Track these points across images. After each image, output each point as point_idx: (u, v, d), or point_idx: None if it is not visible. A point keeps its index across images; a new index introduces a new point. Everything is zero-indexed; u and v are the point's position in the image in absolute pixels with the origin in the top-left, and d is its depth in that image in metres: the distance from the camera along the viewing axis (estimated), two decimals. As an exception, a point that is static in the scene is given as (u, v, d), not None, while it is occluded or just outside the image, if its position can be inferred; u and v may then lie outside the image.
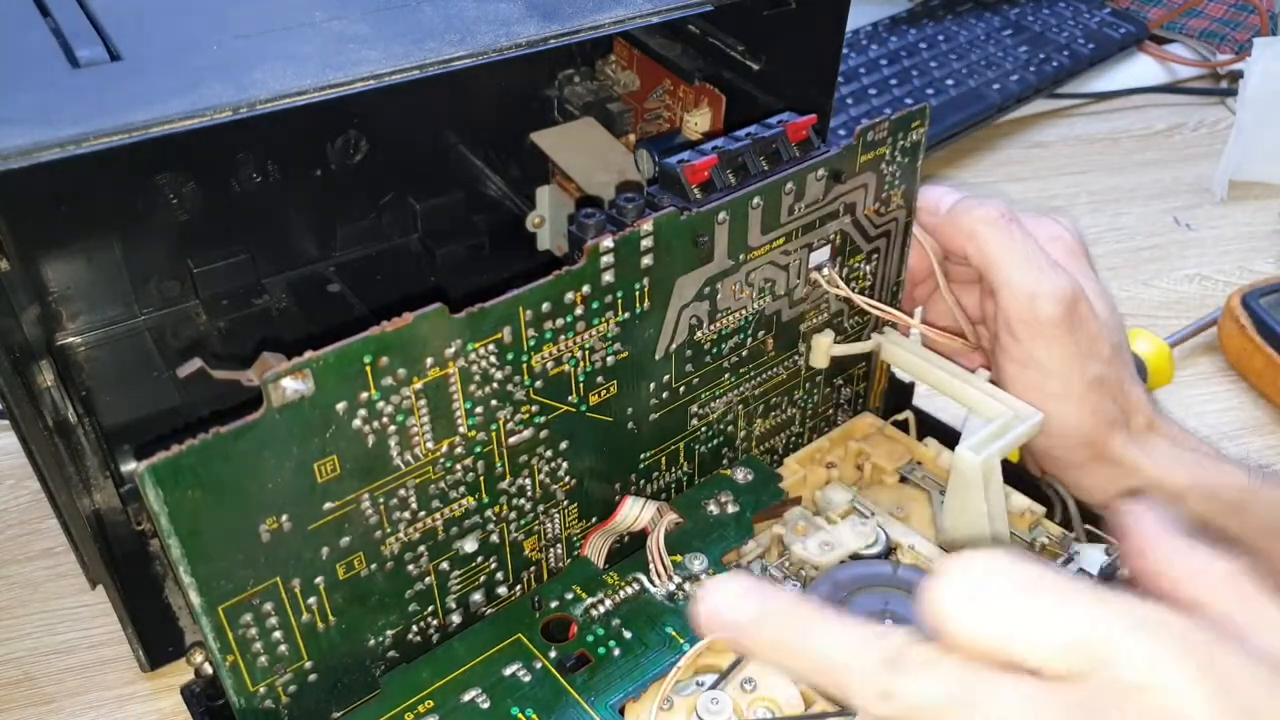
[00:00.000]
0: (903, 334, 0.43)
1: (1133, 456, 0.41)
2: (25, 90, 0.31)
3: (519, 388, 0.34)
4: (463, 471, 0.34)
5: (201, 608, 0.30)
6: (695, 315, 0.37)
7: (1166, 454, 0.41)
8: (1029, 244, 0.40)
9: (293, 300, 0.52)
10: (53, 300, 0.47)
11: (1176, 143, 0.81)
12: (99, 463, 0.44)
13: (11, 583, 0.48)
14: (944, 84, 0.79)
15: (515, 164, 0.54)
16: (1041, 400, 0.40)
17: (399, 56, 0.34)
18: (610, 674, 0.34)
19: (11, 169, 0.28)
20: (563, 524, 0.38)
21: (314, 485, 0.30)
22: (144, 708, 0.43)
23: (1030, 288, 0.39)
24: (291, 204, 0.51)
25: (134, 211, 0.46)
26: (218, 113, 0.31)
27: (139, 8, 0.37)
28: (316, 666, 0.33)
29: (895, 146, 0.39)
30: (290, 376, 0.28)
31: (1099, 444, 0.40)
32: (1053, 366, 0.39)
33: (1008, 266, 0.39)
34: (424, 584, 0.35)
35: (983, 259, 0.40)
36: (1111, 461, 0.41)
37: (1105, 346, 0.40)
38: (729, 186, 0.36)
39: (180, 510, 0.28)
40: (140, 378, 0.48)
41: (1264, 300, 0.60)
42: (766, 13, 0.45)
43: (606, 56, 0.54)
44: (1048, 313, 0.39)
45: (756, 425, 0.43)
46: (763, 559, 0.39)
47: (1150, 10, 0.91)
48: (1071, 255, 0.42)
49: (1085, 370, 0.39)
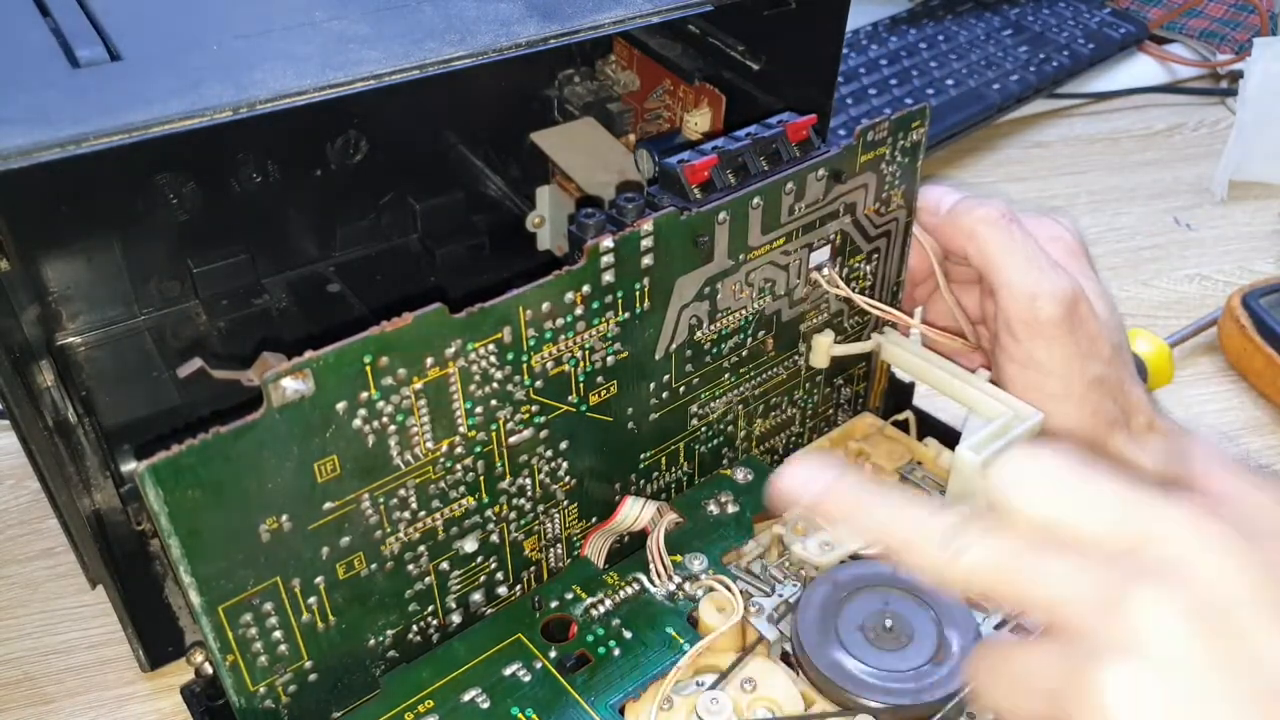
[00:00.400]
0: (903, 334, 0.43)
1: (1133, 456, 0.41)
2: (25, 90, 0.31)
3: (519, 388, 0.34)
4: (463, 471, 0.34)
5: (201, 608, 0.30)
6: (695, 315, 0.37)
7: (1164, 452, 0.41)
8: (1029, 244, 0.40)
9: (293, 300, 0.52)
10: (53, 300, 0.47)
11: (1176, 143, 0.81)
12: (99, 463, 0.44)
13: (11, 583, 0.48)
14: (944, 84, 0.79)
15: (515, 164, 0.54)
16: (1041, 400, 0.40)
17: (399, 56, 0.34)
18: (610, 674, 0.34)
19: (11, 169, 0.28)
20: (563, 524, 0.38)
21: (314, 485, 0.30)
22: (144, 708, 0.43)
23: (1030, 288, 0.39)
24: (291, 204, 0.51)
25: (134, 211, 0.46)
26: (218, 113, 0.31)
27: (139, 8, 0.37)
28: (316, 666, 0.33)
29: (895, 146, 0.39)
30: (290, 376, 0.28)
31: (1099, 444, 0.40)
32: (1053, 367, 0.39)
33: (1008, 267, 0.39)
34: (424, 584, 0.35)
35: (983, 259, 0.40)
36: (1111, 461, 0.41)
37: (1105, 347, 0.40)
38: (729, 186, 0.36)
39: (180, 510, 0.28)
40: (140, 378, 0.48)
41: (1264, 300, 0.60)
42: (766, 13, 0.45)
43: (606, 56, 0.54)
44: (1048, 313, 0.39)
45: (756, 425, 0.43)
46: (763, 559, 0.39)
47: (1150, 10, 0.91)
48: (1072, 255, 0.42)
49: (1085, 370, 0.39)
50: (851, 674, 0.34)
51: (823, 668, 0.34)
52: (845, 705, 0.33)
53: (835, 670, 0.34)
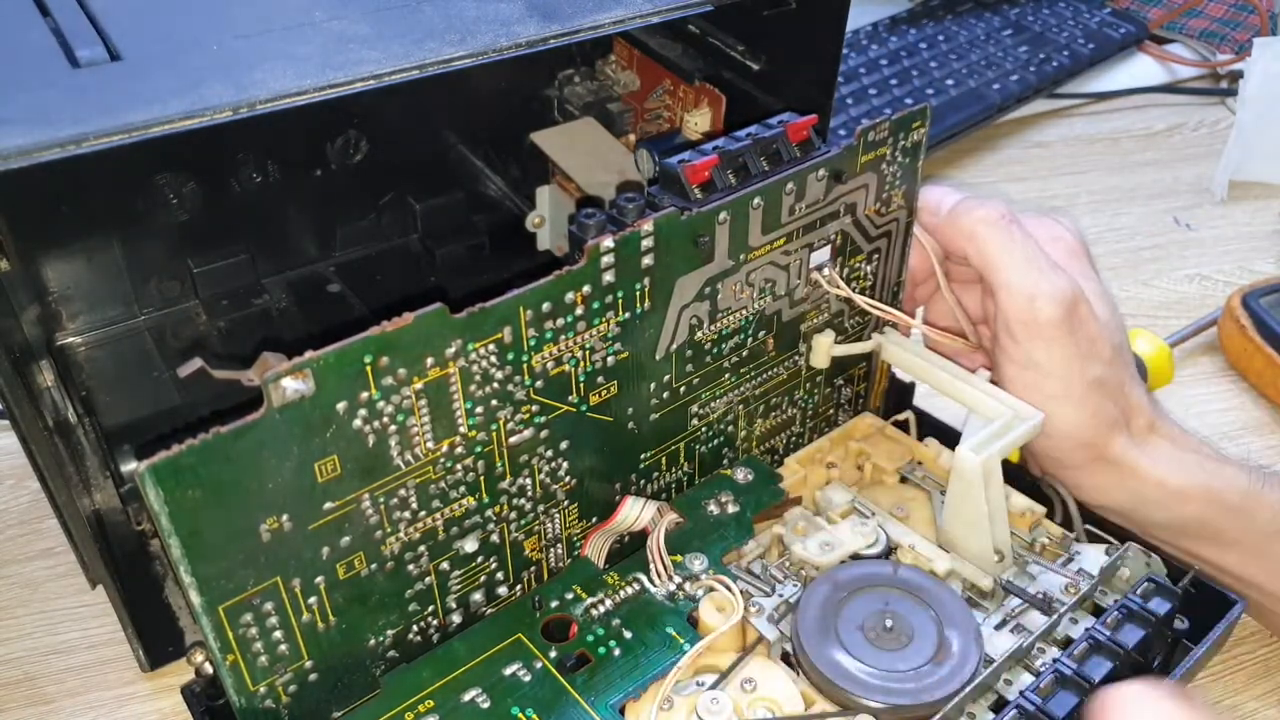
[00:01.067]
0: (903, 334, 0.44)
1: (1133, 458, 0.41)
2: (25, 90, 0.31)
3: (519, 387, 0.34)
4: (463, 471, 0.34)
5: (202, 607, 0.30)
6: (695, 315, 0.37)
7: (1167, 455, 0.41)
8: (1029, 245, 0.40)
9: (293, 300, 0.52)
10: (53, 300, 0.47)
11: (1176, 143, 0.81)
12: (99, 463, 0.44)
13: (11, 583, 0.48)
14: (944, 84, 0.79)
15: (515, 164, 0.54)
16: (1041, 401, 0.40)
17: (399, 56, 0.34)
18: (610, 674, 0.34)
19: (11, 169, 0.28)
20: (563, 524, 0.38)
21: (314, 485, 0.30)
22: (144, 708, 0.43)
23: (1030, 289, 0.39)
24: (291, 204, 0.51)
25: (134, 211, 0.46)
26: (218, 113, 0.31)
27: (139, 8, 0.37)
28: (317, 666, 0.33)
29: (896, 147, 0.39)
30: (290, 376, 0.28)
31: (1099, 445, 0.40)
32: (1052, 368, 0.39)
33: (1007, 268, 0.39)
34: (424, 584, 0.35)
35: (982, 260, 0.40)
36: (1112, 463, 0.41)
37: (1105, 348, 0.40)
38: (729, 186, 0.36)
39: (180, 510, 0.28)
40: (140, 378, 0.48)
41: (1264, 300, 0.60)
42: (766, 13, 0.45)
43: (606, 56, 0.54)
44: (1047, 314, 0.39)
45: (757, 425, 0.43)
46: (763, 559, 0.39)
47: (1150, 10, 0.91)
48: (1072, 256, 0.42)
49: (1085, 372, 0.39)
50: (851, 674, 0.34)
51: (823, 668, 0.34)
52: (845, 705, 0.33)
53: (835, 670, 0.34)
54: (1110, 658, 0.34)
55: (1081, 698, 0.33)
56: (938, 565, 0.38)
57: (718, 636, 0.35)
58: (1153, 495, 0.41)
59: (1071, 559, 0.39)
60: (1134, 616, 0.35)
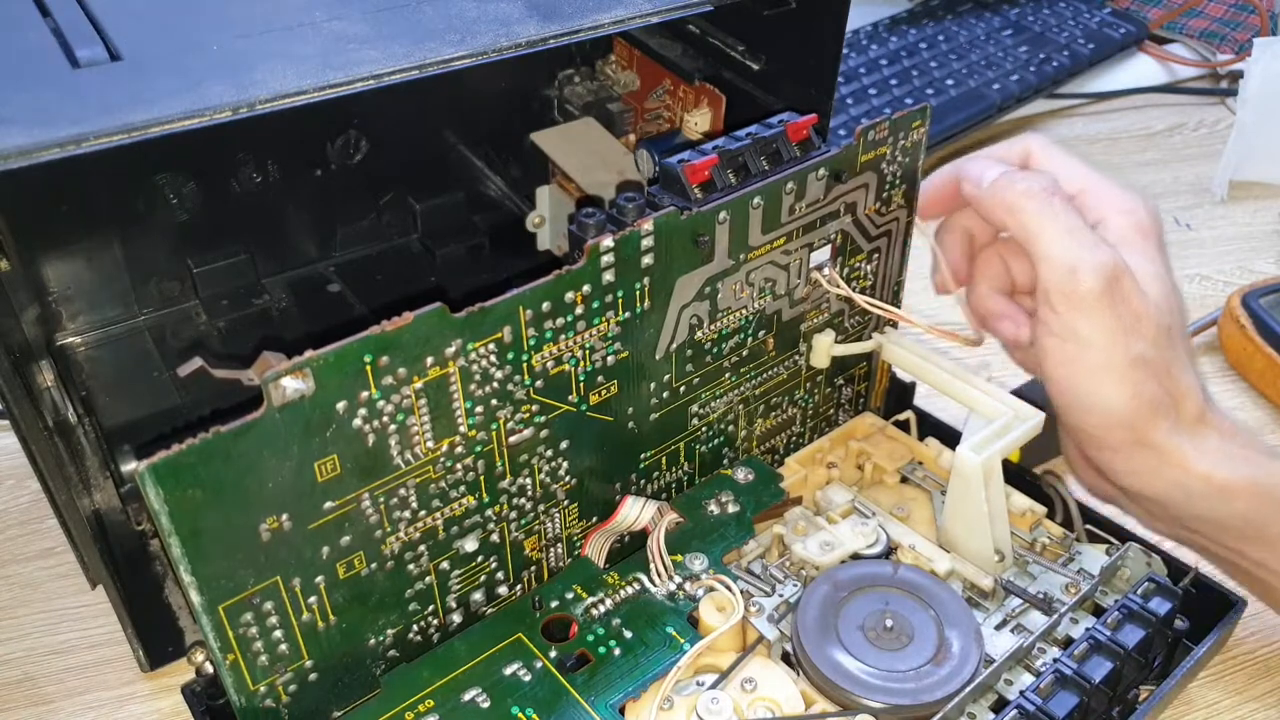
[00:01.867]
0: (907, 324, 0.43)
1: (1176, 446, 0.39)
2: (25, 90, 0.31)
3: (519, 387, 0.34)
4: (463, 471, 0.34)
5: (202, 607, 0.30)
6: (696, 315, 0.37)
7: (1216, 448, 0.39)
8: (1071, 217, 0.39)
9: (293, 300, 0.52)
10: (53, 300, 0.47)
11: (1176, 143, 0.81)
12: (99, 463, 0.44)
13: (11, 583, 0.48)
14: (944, 84, 0.79)
15: (515, 164, 0.54)
16: (1081, 374, 0.39)
17: (399, 56, 0.34)
18: (610, 674, 0.34)
19: (11, 169, 0.28)
20: (563, 523, 0.38)
21: (314, 484, 0.30)
22: (144, 708, 0.43)
23: (1071, 260, 0.38)
24: (291, 204, 0.51)
25: (134, 211, 0.46)
26: (218, 113, 0.31)
27: (139, 8, 0.37)
28: (317, 665, 0.33)
29: (896, 146, 0.39)
30: (290, 376, 0.28)
31: (1140, 428, 0.39)
32: (1093, 339, 0.38)
33: (1048, 240, 0.39)
34: (424, 583, 0.35)
35: (1023, 232, 0.39)
36: (1153, 449, 0.39)
37: (1150, 326, 0.39)
38: (729, 186, 0.36)
39: (180, 510, 0.28)
40: (140, 378, 0.48)
41: (1264, 300, 0.60)
42: (766, 13, 0.45)
43: (606, 56, 0.54)
44: (1088, 285, 0.38)
45: (757, 425, 0.43)
46: (763, 559, 0.39)
47: (1150, 10, 0.91)
48: (1140, 233, 0.41)
49: (1128, 347, 0.38)
50: (852, 674, 0.34)
51: (823, 668, 0.34)
52: (845, 705, 0.33)
53: (835, 670, 0.34)
54: (1111, 658, 0.34)
55: (1082, 698, 0.33)
56: (938, 565, 0.38)
57: (718, 636, 0.35)
58: (1197, 488, 0.39)
59: (1072, 559, 0.39)
60: (1134, 616, 0.35)
